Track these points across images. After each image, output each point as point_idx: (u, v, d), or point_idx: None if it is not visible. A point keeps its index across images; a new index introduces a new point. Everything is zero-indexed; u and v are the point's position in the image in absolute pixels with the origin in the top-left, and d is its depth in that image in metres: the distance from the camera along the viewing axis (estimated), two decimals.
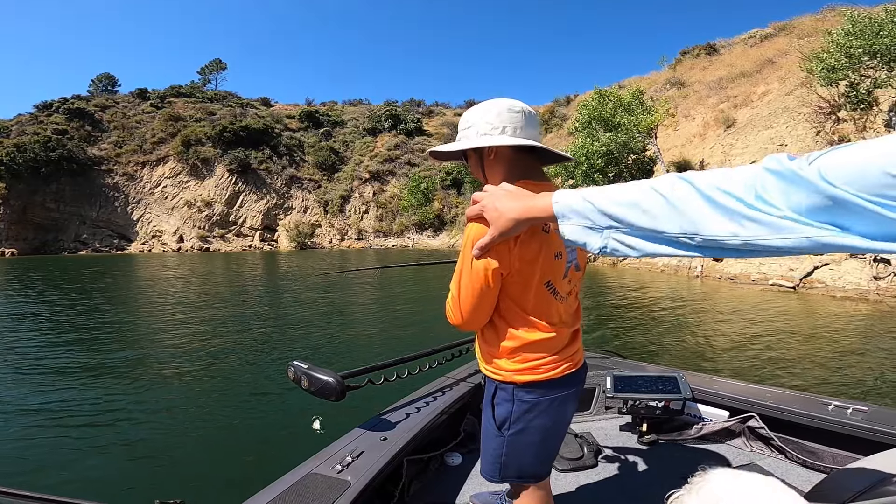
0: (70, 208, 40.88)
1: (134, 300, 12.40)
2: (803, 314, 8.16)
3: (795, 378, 4.92)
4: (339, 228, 44.61)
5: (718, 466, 1.97)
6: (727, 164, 15.31)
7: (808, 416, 1.91)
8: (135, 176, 44.33)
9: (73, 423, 4.12)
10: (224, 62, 66.17)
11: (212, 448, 3.63)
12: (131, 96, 55.19)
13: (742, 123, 16.28)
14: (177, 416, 4.30)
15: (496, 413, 1.23)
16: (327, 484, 1.37)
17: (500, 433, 1.22)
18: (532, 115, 1.16)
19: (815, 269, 10.47)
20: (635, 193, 0.68)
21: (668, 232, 0.64)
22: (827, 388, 4.54)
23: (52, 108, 47.20)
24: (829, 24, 19.88)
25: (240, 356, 6.25)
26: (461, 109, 66.80)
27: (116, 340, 7.41)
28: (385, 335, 7.54)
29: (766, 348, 6.02)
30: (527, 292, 1.12)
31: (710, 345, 6.34)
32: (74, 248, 39.71)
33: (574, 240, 0.76)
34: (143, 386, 5.13)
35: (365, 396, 2.05)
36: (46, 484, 3.13)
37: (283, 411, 4.25)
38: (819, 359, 5.53)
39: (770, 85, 17.76)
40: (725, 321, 7.67)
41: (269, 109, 57.95)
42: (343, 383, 1.69)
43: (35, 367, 5.86)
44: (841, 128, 12.40)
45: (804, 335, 6.62)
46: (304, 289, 13.48)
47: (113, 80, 60.00)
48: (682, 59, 32.75)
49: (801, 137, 13.23)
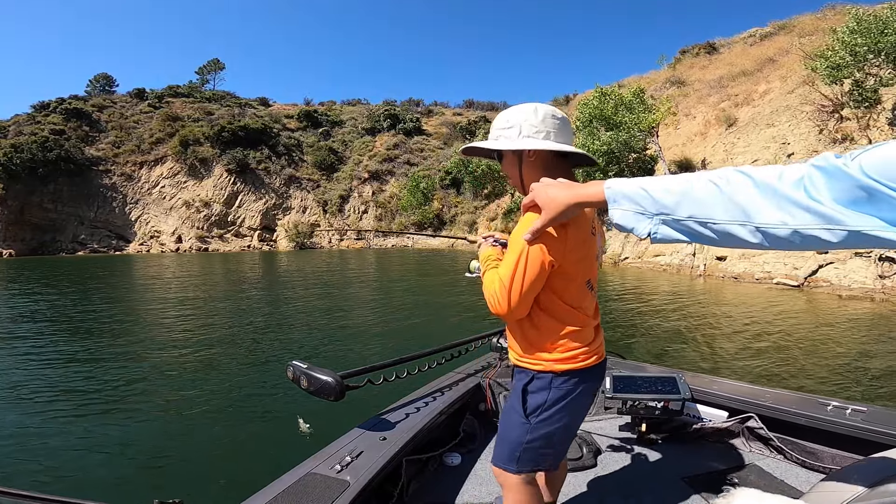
0: (68, 209, 40.65)
1: (133, 300, 12.32)
2: (807, 313, 8.10)
3: (798, 378, 4.86)
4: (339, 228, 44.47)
5: (721, 466, 1.96)
6: (729, 162, 15.25)
7: (806, 416, 1.92)
8: (133, 176, 44.06)
9: (73, 423, 4.12)
10: (222, 62, 66.00)
11: (211, 448, 3.64)
12: (129, 96, 54.89)
13: (744, 122, 16.23)
14: (176, 415, 4.30)
15: (529, 401, 1.28)
16: (326, 484, 1.38)
17: (527, 420, 1.27)
18: (566, 121, 1.26)
19: (820, 267, 10.41)
20: (690, 182, 0.73)
21: (718, 219, 0.68)
22: (829, 389, 4.49)
23: (49, 109, 46.89)
24: (829, 22, 19.85)
25: (239, 356, 6.26)
26: (460, 109, 66.82)
27: (116, 341, 7.41)
28: (385, 335, 7.53)
29: (768, 348, 5.96)
30: (570, 285, 1.20)
31: (710, 345, 6.28)
32: (72, 248, 39.49)
33: (623, 224, 0.81)
34: (142, 386, 5.12)
35: (364, 397, 2.05)
36: (46, 484, 3.12)
37: (282, 411, 4.25)
38: (822, 359, 5.47)
39: (771, 83, 17.71)
40: (727, 320, 7.61)
41: (267, 109, 57.73)
42: (342, 383, 1.71)
43: (35, 368, 5.84)
44: (844, 126, 12.35)
45: (807, 335, 6.56)
46: (304, 289, 13.40)
47: (111, 81, 59.73)
48: (681, 58, 32.67)
49: (804, 136, 13.17)
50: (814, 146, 12.69)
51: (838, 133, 12.31)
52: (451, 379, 2.36)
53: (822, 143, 12.54)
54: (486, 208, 37.39)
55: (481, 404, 2.38)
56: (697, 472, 1.97)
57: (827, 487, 0.96)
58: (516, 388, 1.32)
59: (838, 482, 0.94)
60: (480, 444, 2.22)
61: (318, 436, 3.08)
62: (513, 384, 1.34)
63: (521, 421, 1.28)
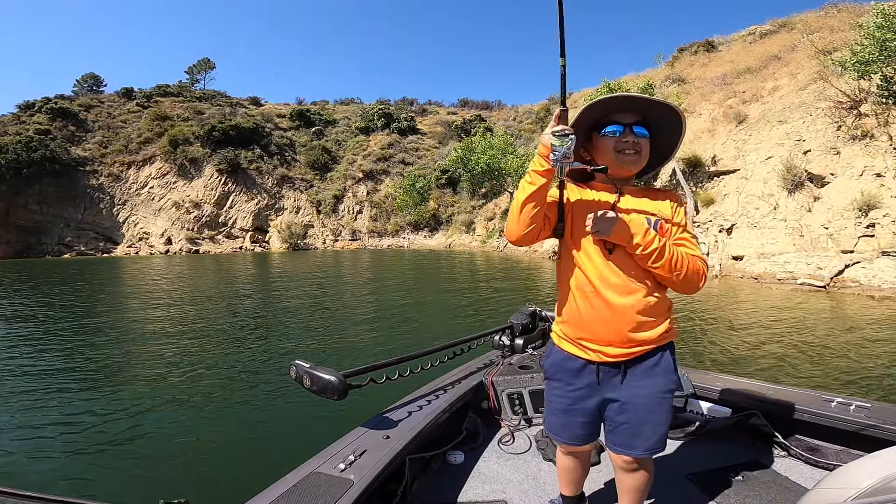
0: (53, 210, 39.51)
1: (128, 302, 11.87)
2: (838, 316, 7.69)
3: (848, 387, 4.43)
4: (333, 229, 43.72)
5: (725, 463, 1.97)
6: (741, 158, 14.93)
7: (810, 412, 1.92)
8: (120, 177, 42.96)
9: (75, 423, 4.10)
10: (212, 61, 64.83)
11: (215, 448, 3.64)
12: (117, 96, 53.64)
13: (754, 119, 15.91)
14: (179, 415, 4.28)
15: (674, 376, 1.34)
16: (330, 483, 1.38)
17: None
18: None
19: (847, 266, 10.06)
20: None
21: None
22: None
23: (34, 108, 45.63)
24: (835, 20, 19.65)
25: (241, 355, 6.25)
26: (455, 108, 66.30)
27: (116, 341, 7.31)
28: (386, 334, 7.41)
29: (796, 352, 5.51)
30: None
31: (726, 349, 5.84)
32: (58, 250, 38.34)
33: None
34: (144, 386, 5.09)
35: (367, 395, 2.09)
36: (47, 484, 3.09)
37: (285, 410, 4.26)
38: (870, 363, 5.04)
39: (779, 80, 17.42)
40: (746, 323, 7.20)
41: (259, 109, 56.77)
42: (345, 382, 1.71)
43: (35, 368, 5.81)
44: (863, 123, 12.03)
45: (851, 339, 6.13)
46: (303, 288, 12.93)
47: (98, 81, 58.32)
48: (679, 56, 32.43)
49: (822, 132, 12.83)
50: (832, 143, 12.36)
51: (857, 130, 11.99)
52: (454, 377, 2.38)
53: (842, 139, 12.21)
54: (484, 208, 36.88)
55: (484, 402, 2.39)
56: (701, 469, 1.96)
57: (832, 484, 0.96)
58: (669, 363, 1.32)
59: (843, 478, 0.94)
60: (483, 442, 2.22)
61: (321, 436, 3.08)
62: (655, 366, 1.31)
63: (671, 399, 1.33)
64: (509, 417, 2.38)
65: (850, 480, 0.91)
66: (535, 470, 2.00)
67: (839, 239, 10.66)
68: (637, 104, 1.35)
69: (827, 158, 12.22)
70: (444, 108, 65.43)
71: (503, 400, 2.38)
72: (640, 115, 1.34)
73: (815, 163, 12.38)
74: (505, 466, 2.03)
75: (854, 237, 10.46)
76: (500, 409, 2.38)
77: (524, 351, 2.75)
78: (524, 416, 2.38)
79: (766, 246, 12.11)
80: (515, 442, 2.23)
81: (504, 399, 2.38)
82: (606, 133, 1.34)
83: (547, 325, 2.92)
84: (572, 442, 1.43)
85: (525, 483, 1.91)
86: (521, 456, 2.11)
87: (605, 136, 1.34)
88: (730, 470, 1.93)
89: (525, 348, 2.76)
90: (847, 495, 0.88)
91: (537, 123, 46.21)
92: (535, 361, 2.61)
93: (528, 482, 1.91)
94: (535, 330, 2.89)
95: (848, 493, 0.88)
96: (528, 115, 51.81)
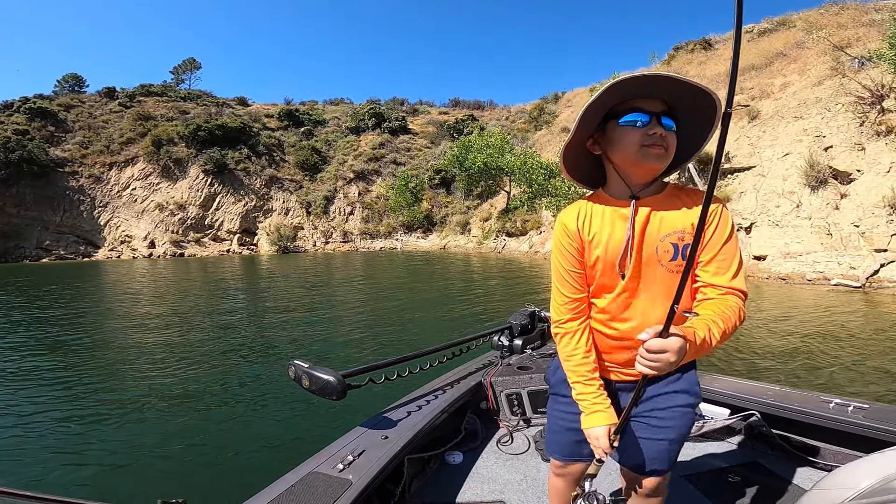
0: (31, 213, 37.88)
1: (122, 305, 11.38)
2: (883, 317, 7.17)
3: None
4: (323, 231, 42.70)
5: (723, 463, 2.00)
6: (756, 155, 14.50)
7: (808, 413, 1.89)
8: (101, 178, 41.43)
9: (75, 423, 4.09)
10: (198, 61, 63.22)
11: (213, 448, 3.62)
12: (98, 95, 51.78)
13: (768, 115, 15.52)
14: (178, 415, 4.25)
15: (696, 389, 1.23)
16: (328, 483, 1.36)
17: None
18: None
19: (882, 266, 9.60)
20: None
21: None
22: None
23: (11, 108, 43.84)
24: (840, 18, 19.45)
25: (239, 356, 6.21)
26: (446, 108, 65.62)
27: (115, 342, 7.29)
28: (386, 334, 7.34)
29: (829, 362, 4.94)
30: None
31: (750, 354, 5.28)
32: (37, 255, 36.75)
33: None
34: (143, 386, 5.06)
35: (366, 395, 2.14)
36: (47, 484, 3.08)
37: (284, 411, 4.23)
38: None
39: (789, 77, 17.12)
40: (775, 328, 6.65)
41: (246, 109, 55.48)
42: (344, 382, 1.70)
43: (35, 369, 5.80)
44: (887, 118, 11.64)
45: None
46: (295, 291, 12.61)
47: (80, 81, 56.08)
48: (675, 54, 32.25)
49: (843, 128, 12.45)
50: (855, 138, 11.97)
51: (881, 125, 11.60)
52: (453, 377, 2.36)
53: (865, 135, 11.82)
54: (479, 208, 36.22)
55: (482, 403, 2.37)
56: (699, 469, 1.95)
57: (829, 484, 0.97)
58: (690, 380, 1.19)
59: (842, 479, 0.95)
60: (482, 443, 2.21)
61: (319, 436, 3.04)
62: (677, 381, 1.18)
63: (692, 414, 1.21)
64: (508, 418, 2.38)
65: (848, 481, 0.91)
66: (533, 470, 1.99)
67: (871, 237, 10.21)
68: (669, 89, 1.03)
69: (852, 155, 11.80)
70: (436, 108, 64.78)
71: (502, 400, 2.39)
72: (667, 104, 1.07)
73: (840, 159, 11.96)
74: (503, 467, 2.03)
75: (887, 235, 10.02)
76: (498, 409, 2.39)
77: (523, 351, 2.74)
78: (523, 417, 2.38)
79: (790, 245, 11.64)
80: (514, 442, 2.23)
81: (503, 399, 2.39)
82: (627, 122, 1.06)
83: (546, 325, 2.88)
84: (577, 459, 1.31)
85: (523, 483, 1.90)
86: (520, 456, 2.11)
87: (625, 125, 1.06)
88: (729, 470, 1.93)
89: (524, 349, 2.75)
90: (846, 496, 0.88)
91: (530, 123, 45.78)
92: (534, 362, 2.59)
93: (526, 482, 1.90)
94: (534, 331, 2.87)
95: (846, 493, 0.88)
96: (521, 114, 51.42)
